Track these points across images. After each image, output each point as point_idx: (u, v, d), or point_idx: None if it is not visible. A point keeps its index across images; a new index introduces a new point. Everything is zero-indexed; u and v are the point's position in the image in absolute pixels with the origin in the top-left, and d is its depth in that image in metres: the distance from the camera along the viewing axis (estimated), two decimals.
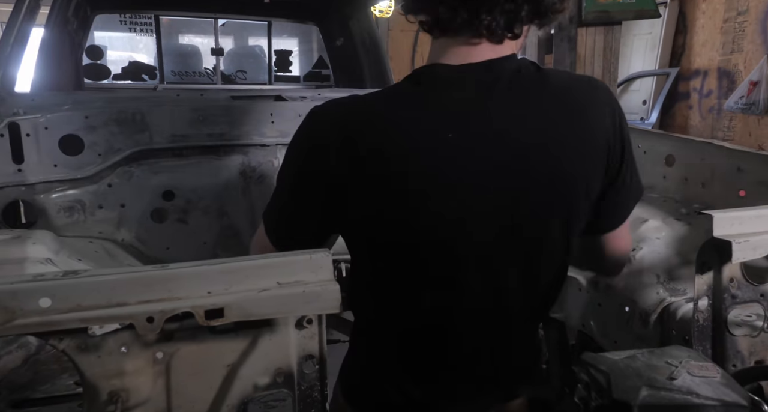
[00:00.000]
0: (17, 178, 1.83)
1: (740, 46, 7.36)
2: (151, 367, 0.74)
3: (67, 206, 1.93)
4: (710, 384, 0.78)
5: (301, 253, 0.77)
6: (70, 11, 3.15)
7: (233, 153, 2.16)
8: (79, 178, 1.93)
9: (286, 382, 0.79)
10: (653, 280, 1.55)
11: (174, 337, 0.74)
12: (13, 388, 1.12)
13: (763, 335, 1.04)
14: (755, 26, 7.16)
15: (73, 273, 0.70)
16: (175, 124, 2.07)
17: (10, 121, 1.80)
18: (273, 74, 4.37)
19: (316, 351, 0.79)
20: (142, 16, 4.20)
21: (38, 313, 0.66)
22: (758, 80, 6.85)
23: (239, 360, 0.77)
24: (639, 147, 2.05)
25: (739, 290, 1.04)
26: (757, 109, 6.83)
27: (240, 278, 0.73)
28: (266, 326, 0.77)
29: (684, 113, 8.30)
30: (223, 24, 4.43)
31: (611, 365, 0.83)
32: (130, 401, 0.73)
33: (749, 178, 1.61)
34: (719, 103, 7.69)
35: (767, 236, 0.99)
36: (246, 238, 2.18)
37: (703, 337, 1.05)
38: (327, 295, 0.75)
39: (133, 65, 4.19)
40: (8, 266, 1.29)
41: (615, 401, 0.79)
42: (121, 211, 2.01)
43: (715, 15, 7.71)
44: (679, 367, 0.81)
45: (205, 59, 4.51)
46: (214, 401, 0.78)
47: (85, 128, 1.93)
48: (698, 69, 8.01)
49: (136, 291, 0.70)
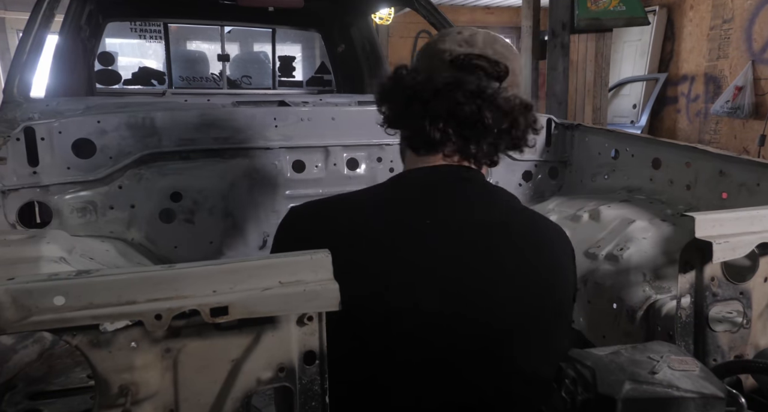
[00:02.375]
0: (32, 180, 1.84)
1: (726, 53, 7.36)
2: (160, 362, 0.75)
3: (80, 207, 1.94)
4: (689, 377, 0.78)
5: (301, 253, 0.78)
6: (83, 19, 3.16)
7: (238, 156, 2.17)
8: (91, 180, 1.94)
9: (288, 376, 0.80)
10: (640, 278, 1.56)
11: (181, 333, 0.74)
12: (29, 381, 1.13)
13: (742, 330, 1.05)
14: (740, 34, 7.16)
15: (86, 272, 0.70)
16: (182, 129, 2.07)
17: (25, 126, 1.81)
18: (277, 79, 4.37)
19: (317, 347, 0.80)
20: (152, 24, 4.21)
21: (53, 310, 0.67)
22: (743, 85, 6.85)
23: (243, 356, 0.78)
24: (627, 151, 2.05)
25: (720, 288, 1.04)
26: (742, 113, 6.84)
27: (244, 277, 0.74)
28: (269, 323, 0.77)
29: (672, 117, 8.30)
30: (229, 31, 4.44)
31: (596, 361, 0.84)
32: (139, 394, 0.74)
33: (731, 180, 1.62)
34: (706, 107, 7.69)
35: (746, 237, 1.00)
36: (250, 237, 2.19)
37: (685, 333, 1.05)
38: (327, 294, 0.76)
39: (142, 71, 4.20)
40: (24, 264, 1.30)
41: (600, 395, 0.79)
42: (131, 211, 2.01)
43: (702, 23, 7.71)
44: (661, 362, 0.81)
45: (211, 65, 4.52)
46: (219, 395, 0.78)
47: (97, 132, 1.94)
48: (686, 74, 8.01)
49: (145, 290, 0.70)
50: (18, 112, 2.02)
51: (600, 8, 4.24)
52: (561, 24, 4.28)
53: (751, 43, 7.06)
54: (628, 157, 2.05)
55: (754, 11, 7.03)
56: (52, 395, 1.10)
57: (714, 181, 1.68)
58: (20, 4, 6.85)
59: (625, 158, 2.07)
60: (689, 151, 1.79)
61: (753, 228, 1.01)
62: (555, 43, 4.33)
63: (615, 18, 4.28)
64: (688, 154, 1.79)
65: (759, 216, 1.03)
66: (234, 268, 0.75)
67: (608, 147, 2.14)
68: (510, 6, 9.73)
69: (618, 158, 2.10)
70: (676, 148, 1.86)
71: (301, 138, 2.22)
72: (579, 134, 2.29)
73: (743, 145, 7.06)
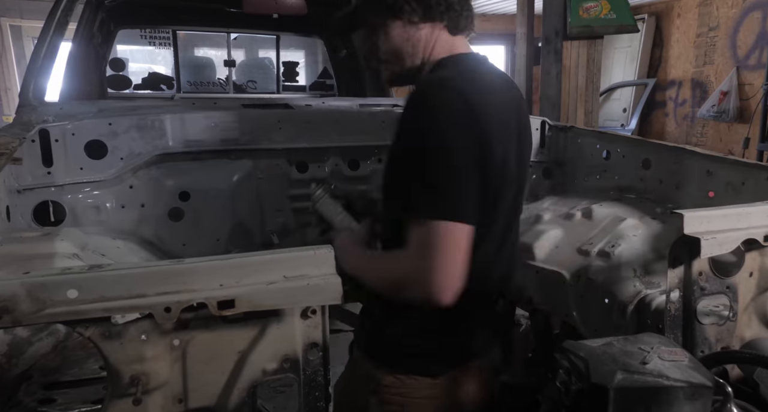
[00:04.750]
0: (47, 180, 1.83)
1: (711, 59, 7.37)
2: (169, 353, 0.74)
3: (92, 206, 1.93)
4: (679, 367, 0.78)
5: (305, 249, 0.78)
6: (95, 27, 3.16)
7: (244, 157, 2.16)
8: (103, 180, 1.94)
9: (292, 367, 0.80)
10: (630, 274, 1.56)
11: (189, 326, 0.74)
12: (44, 372, 1.13)
13: (728, 323, 1.05)
14: (725, 41, 7.16)
15: (98, 267, 0.70)
16: (190, 131, 2.07)
17: (40, 128, 1.81)
18: (281, 84, 4.37)
19: (320, 339, 0.80)
20: (161, 31, 4.20)
21: (66, 303, 0.67)
22: (728, 90, 6.86)
23: (249, 347, 0.78)
24: (618, 151, 2.05)
25: (708, 282, 1.04)
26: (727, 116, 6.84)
27: (249, 271, 0.74)
28: (274, 316, 0.77)
29: (661, 120, 8.30)
30: (235, 38, 4.43)
31: (589, 352, 0.83)
32: (149, 384, 0.74)
33: (718, 180, 1.62)
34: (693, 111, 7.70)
35: (732, 234, 1.00)
36: (255, 235, 2.18)
37: (674, 326, 1.05)
38: (330, 288, 0.76)
39: (152, 76, 4.20)
40: (39, 260, 1.30)
41: (593, 385, 0.79)
42: (141, 210, 2.01)
43: (689, 30, 7.71)
44: (651, 352, 0.81)
45: (218, 70, 4.51)
46: (226, 385, 0.78)
47: (109, 134, 1.94)
48: (673, 80, 8.02)
49: (155, 284, 0.70)
50: (33, 116, 2.02)
51: (591, 16, 4.24)
52: (554, 31, 4.27)
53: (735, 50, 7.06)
54: (619, 157, 2.05)
55: (739, 20, 7.03)
56: (66, 385, 1.10)
57: (701, 180, 1.67)
58: (36, 12, 6.85)
59: (617, 159, 2.06)
60: (678, 152, 1.79)
61: (739, 225, 1.01)
62: (548, 49, 4.33)
63: (606, 25, 4.28)
64: (676, 155, 1.79)
65: (744, 213, 1.03)
66: (240, 263, 0.74)
67: (600, 148, 2.13)
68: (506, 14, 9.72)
69: (609, 159, 2.10)
70: (665, 149, 1.86)
71: (305, 140, 2.22)
72: (572, 136, 2.29)
73: (728, 147, 7.06)
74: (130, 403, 0.72)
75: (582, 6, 4.19)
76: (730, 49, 7.16)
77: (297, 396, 0.81)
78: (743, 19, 7.00)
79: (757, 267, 1.07)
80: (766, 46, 6.32)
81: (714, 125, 7.36)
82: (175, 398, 0.76)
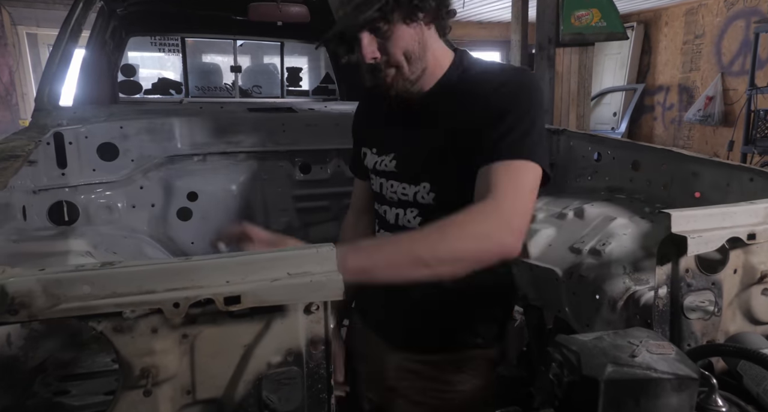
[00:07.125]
0: (61, 181, 1.83)
1: (697, 65, 7.38)
2: (178, 347, 0.74)
3: (105, 206, 1.93)
4: (666, 360, 0.78)
5: (308, 247, 0.78)
6: (108, 34, 3.16)
7: (250, 159, 2.16)
8: (115, 181, 1.94)
9: (296, 361, 0.79)
10: (620, 271, 1.55)
11: (197, 320, 0.74)
12: (58, 365, 1.13)
13: (714, 318, 1.05)
14: (710, 48, 7.17)
15: (110, 264, 0.70)
16: (198, 134, 2.07)
17: (55, 131, 1.81)
18: (285, 89, 4.37)
19: (322, 334, 0.80)
20: (170, 38, 4.20)
21: (79, 298, 0.67)
22: (713, 95, 6.87)
23: (254, 341, 0.77)
24: (609, 154, 2.05)
25: (694, 279, 1.04)
26: (713, 120, 6.85)
27: (255, 269, 0.74)
28: (278, 311, 0.77)
29: (649, 124, 8.31)
30: (241, 44, 4.43)
31: (581, 345, 0.83)
32: (159, 377, 0.73)
33: (704, 181, 1.62)
34: (680, 115, 7.70)
35: (718, 232, 1.00)
36: None
37: (662, 320, 1.05)
38: (331, 284, 0.76)
39: (162, 81, 4.20)
40: (54, 257, 1.30)
41: (584, 377, 0.79)
42: (151, 210, 2.01)
43: (676, 38, 7.72)
44: (640, 346, 0.81)
45: (225, 76, 4.52)
46: (232, 377, 0.78)
47: (120, 137, 1.94)
48: (661, 85, 8.02)
49: (164, 280, 0.70)
50: (48, 119, 2.02)
51: (583, 24, 4.25)
52: (547, 38, 4.28)
53: (720, 57, 7.07)
54: (610, 159, 2.04)
55: (723, 28, 7.04)
56: (79, 377, 1.10)
57: (688, 181, 1.67)
58: (51, 21, 6.86)
59: (607, 161, 2.06)
60: (665, 154, 1.79)
61: (724, 224, 1.01)
62: (542, 55, 4.33)
63: (596, 33, 4.29)
64: (664, 157, 1.79)
65: (729, 213, 1.03)
66: (246, 260, 0.74)
67: (591, 150, 2.13)
68: (500, 22, 9.73)
69: (600, 161, 2.10)
70: (653, 151, 1.85)
71: (308, 142, 2.22)
72: (564, 139, 2.29)
73: (714, 150, 7.07)
74: (141, 394, 0.72)
75: (574, 14, 4.20)
76: (715, 56, 7.17)
77: (300, 388, 0.81)
78: (727, 28, 7.01)
79: (741, 264, 1.07)
80: (749, 53, 6.33)
81: (700, 129, 7.37)
82: (183, 389, 0.76)
